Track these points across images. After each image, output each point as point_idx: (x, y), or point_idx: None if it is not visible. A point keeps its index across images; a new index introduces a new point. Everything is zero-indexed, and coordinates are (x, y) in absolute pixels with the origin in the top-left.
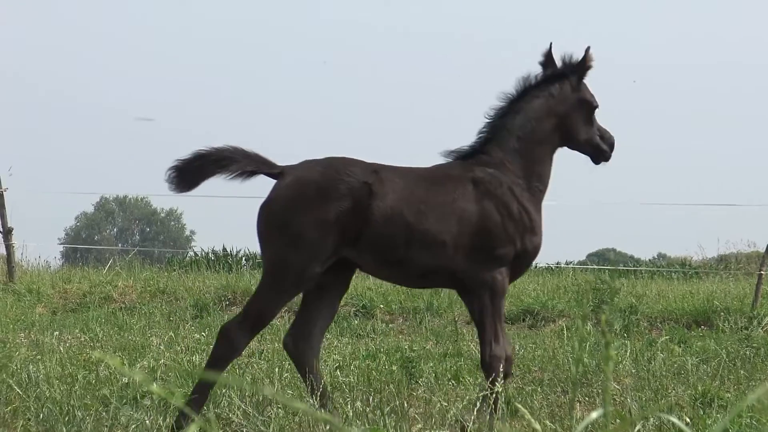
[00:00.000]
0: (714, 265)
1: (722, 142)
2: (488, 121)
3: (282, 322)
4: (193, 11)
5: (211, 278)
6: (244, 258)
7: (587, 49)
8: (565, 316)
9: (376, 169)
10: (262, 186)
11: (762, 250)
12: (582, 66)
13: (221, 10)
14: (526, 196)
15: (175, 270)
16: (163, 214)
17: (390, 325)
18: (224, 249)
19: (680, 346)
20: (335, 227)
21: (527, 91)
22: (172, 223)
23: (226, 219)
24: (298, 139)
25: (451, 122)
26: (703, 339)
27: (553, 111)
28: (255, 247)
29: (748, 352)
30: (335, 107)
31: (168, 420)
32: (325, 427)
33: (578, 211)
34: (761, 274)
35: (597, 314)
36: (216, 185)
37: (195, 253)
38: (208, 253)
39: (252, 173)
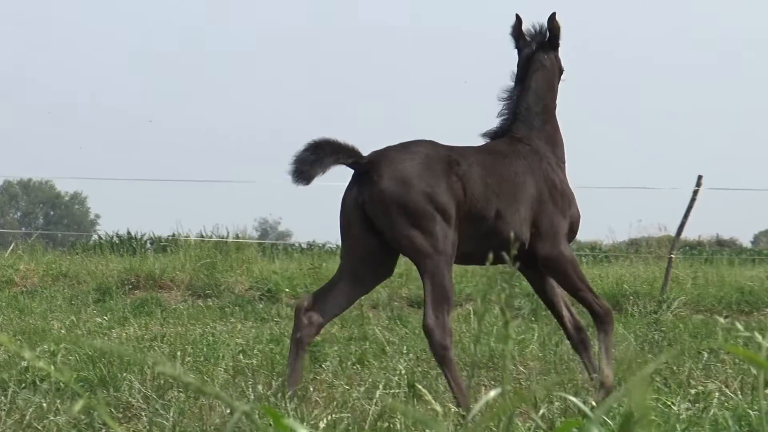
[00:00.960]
0: (624, 248)
1: (633, 127)
2: (506, 102)
3: (185, 306)
4: None
5: (114, 262)
6: (148, 241)
7: (554, 16)
8: (473, 299)
9: (450, 147)
10: (165, 169)
11: (673, 233)
12: (557, 34)
13: None
14: (559, 169)
15: (78, 253)
16: (67, 198)
17: None
18: (128, 233)
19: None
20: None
21: (530, 66)
22: (77, 206)
23: (131, 203)
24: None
25: None
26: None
27: (551, 82)
28: (160, 230)
29: (656, 336)
30: None
31: (67, 404)
32: (226, 410)
33: None
34: (671, 257)
35: (504, 298)
36: (123, 168)
37: (99, 236)
38: (112, 237)
39: (347, 164)
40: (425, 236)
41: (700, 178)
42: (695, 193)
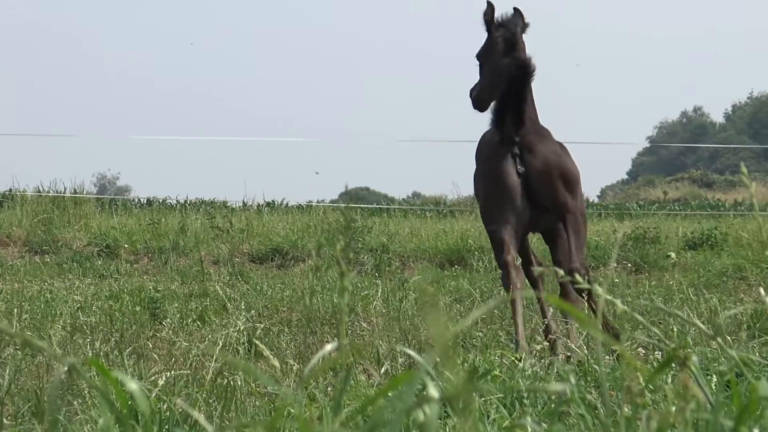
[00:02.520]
0: (469, 203)
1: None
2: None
3: (22, 262)
4: None
5: None
6: None
7: (517, 9)
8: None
9: None
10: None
11: None
12: (525, 23)
13: None
14: None
15: None
16: None
17: (135, 266)
18: None
19: (433, 286)
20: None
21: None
22: None
23: None
24: None
25: None
26: (456, 278)
27: None
28: None
29: (501, 292)
30: None
31: None
32: (63, 368)
33: (332, 150)
34: None
35: (346, 253)
36: None
37: None
38: None
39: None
40: (575, 198)
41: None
42: None
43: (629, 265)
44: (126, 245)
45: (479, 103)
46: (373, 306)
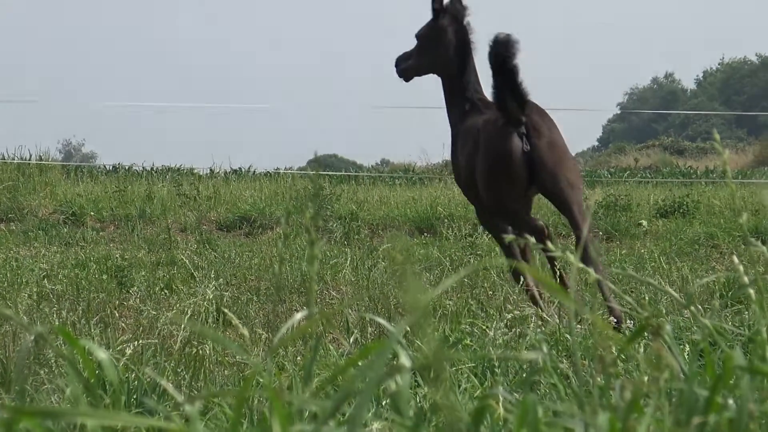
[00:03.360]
0: (438, 171)
1: None
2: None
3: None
4: None
5: None
6: None
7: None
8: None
9: None
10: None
11: None
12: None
13: None
14: None
15: None
16: None
17: (101, 233)
18: None
19: (402, 254)
20: None
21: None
22: None
23: None
24: None
25: None
26: (426, 246)
27: None
28: None
29: (472, 260)
30: None
31: None
32: (30, 337)
33: (297, 117)
34: None
35: (315, 221)
36: None
37: None
38: None
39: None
40: (576, 173)
41: None
42: None
43: (600, 233)
44: (92, 213)
45: (406, 75)
46: (342, 274)
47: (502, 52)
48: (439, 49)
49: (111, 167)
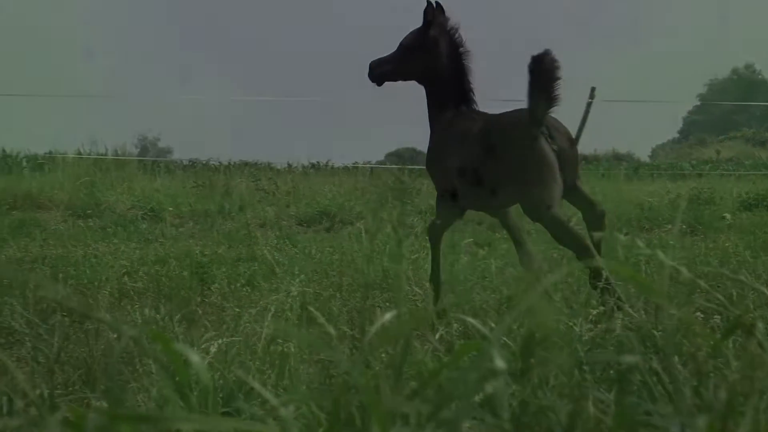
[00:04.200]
0: None
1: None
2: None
3: (66, 227)
4: None
5: None
6: (24, 159)
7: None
8: (364, 218)
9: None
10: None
11: None
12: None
13: None
14: None
15: None
16: None
17: (180, 229)
18: (3, 150)
19: (484, 249)
20: None
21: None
22: None
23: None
24: None
25: None
26: (508, 241)
27: None
28: (36, 148)
29: (555, 255)
30: None
31: None
32: (113, 335)
33: (363, 110)
34: None
35: (396, 216)
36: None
37: None
38: None
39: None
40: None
41: (593, 90)
42: (589, 105)
43: (684, 226)
44: (170, 208)
45: (380, 81)
46: (423, 270)
47: (551, 69)
48: (429, 58)
49: (187, 161)
